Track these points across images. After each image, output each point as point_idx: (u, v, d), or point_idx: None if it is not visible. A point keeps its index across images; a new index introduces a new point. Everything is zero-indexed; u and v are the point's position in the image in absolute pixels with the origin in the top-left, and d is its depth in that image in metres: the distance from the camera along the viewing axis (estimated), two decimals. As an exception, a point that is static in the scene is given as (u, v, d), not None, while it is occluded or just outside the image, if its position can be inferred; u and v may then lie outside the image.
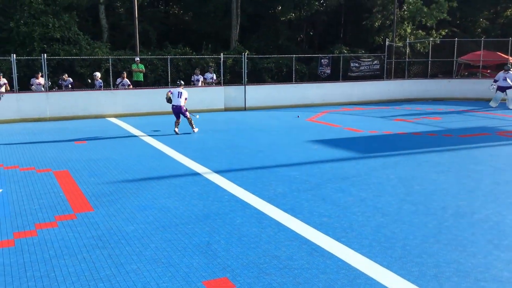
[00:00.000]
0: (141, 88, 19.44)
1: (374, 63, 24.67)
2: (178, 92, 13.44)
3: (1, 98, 16.61)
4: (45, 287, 4.24)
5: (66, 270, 4.60)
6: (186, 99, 13.51)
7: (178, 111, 13.48)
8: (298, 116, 11.41)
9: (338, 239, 5.34)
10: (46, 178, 8.37)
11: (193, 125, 13.70)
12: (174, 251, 5.05)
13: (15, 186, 7.87)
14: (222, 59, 20.73)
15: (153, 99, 18.73)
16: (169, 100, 13.58)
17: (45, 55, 17.87)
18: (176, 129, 13.49)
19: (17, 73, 17.49)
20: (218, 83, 20.74)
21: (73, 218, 6.17)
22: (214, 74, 20.96)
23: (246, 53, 21.82)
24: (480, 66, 25.43)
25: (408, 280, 4.34)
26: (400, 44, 27.99)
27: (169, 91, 13.69)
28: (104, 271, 4.58)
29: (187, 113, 13.57)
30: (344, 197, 7.01)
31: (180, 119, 13.62)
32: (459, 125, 14.79)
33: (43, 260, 4.84)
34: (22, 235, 5.56)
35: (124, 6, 27.35)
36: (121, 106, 18.26)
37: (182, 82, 14.15)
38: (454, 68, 25.60)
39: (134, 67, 19.93)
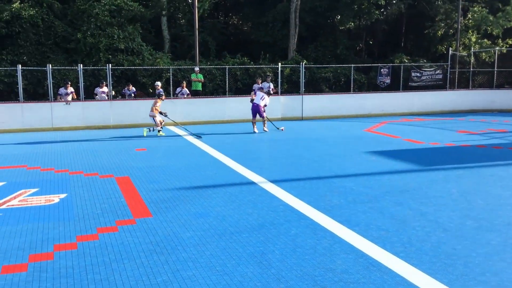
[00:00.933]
0: (199, 97, 19.83)
1: (436, 72, 23.98)
2: (262, 96, 15.75)
3: (69, 105, 17.42)
4: (104, 290, 4.37)
5: (125, 274, 4.73)
6: (265, 105, 15.81)
7: (255, 109, 15.66)
8: (283, 129, 10.82)
9: (396, 254, 5.19)
10: (108, 184, 8.67)
11: (265, 125, 15.99)
12: (228, 259, 5.08)
13: (79, 190, 8.20)
14: (279, 68, 20.80)
15: (211, 108, 19.07)
16: (252, 100, 15.93)
17: (110, 65, 18.61)
18: (255, 129, 15.71)
19: (83, 82, 18.33)
20: (275, 93, 20.79)
21: (133, 223, 6.35)
22: (271, 84, 21.03)
23: (303, 63, 21.79)
24: (551, 76, 24.16)
25: (471, 299, 4.15)
26: (464, 53, 27.06)
27: (254, 93, 16.15)
28: (161, 276, 4.67)
29: (264, 114, 15.72)
30: (403, 211, 6.81)
31: (256, 118, 15.81)
32: (527, 138, 14.08)
33: (104, 263, 5.00)
34: (84, 238, 5.77)
35: (185, 17, 28.04)
36: (180, 114, 18.67)
37: (266, 90, 16.64)
38: (522, 78, 24.45)
39: (193, 76, 20.35)
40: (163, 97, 15.80)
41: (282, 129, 16.14)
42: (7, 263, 5.01)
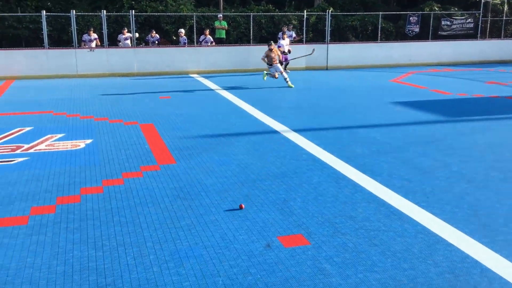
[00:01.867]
0: (223, 45, 19.60)
1: (467, 21, 23.12)
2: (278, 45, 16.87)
3: (93, 52, 17.46)
4: (130, 232, 4.49)
5: (150, 217, 4.84)
6: (286, 58, 17.07)
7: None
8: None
9: (418, 203, 5.18)
10: (132, 130, 8.77)
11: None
12: (250, 205, 5.14)
13: (105, 137, 8.32)
14: (305, 16, 20.31)
15: (235, 56, 18.86)
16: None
17: (133, 11, 18.43)
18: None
19: (107, 29, 18.24)
20: (299, 41, 20.40)
21: (157, 169, 6.45)
22: (293, 32, 20.55)
23: (330, 10, 21.21)
24: None
25: (492, 248, 4.13)
26: (498, 1, 25.94)
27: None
28: (184, 220, 4.77)
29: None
30: (427, 161, 6.74)
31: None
32: (560, 90, 13.63)
33: (129, 206, 5.12)
34: (110, 182, 5.90)
35: (210, -38, 27.31)
36: (203, 63, 18.57)
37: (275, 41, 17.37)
38: (559, 28, 23.47)
39: (217, 24, 20.05)
40: (272, 46, 15.17)
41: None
42: (36, 205, 5.17)
